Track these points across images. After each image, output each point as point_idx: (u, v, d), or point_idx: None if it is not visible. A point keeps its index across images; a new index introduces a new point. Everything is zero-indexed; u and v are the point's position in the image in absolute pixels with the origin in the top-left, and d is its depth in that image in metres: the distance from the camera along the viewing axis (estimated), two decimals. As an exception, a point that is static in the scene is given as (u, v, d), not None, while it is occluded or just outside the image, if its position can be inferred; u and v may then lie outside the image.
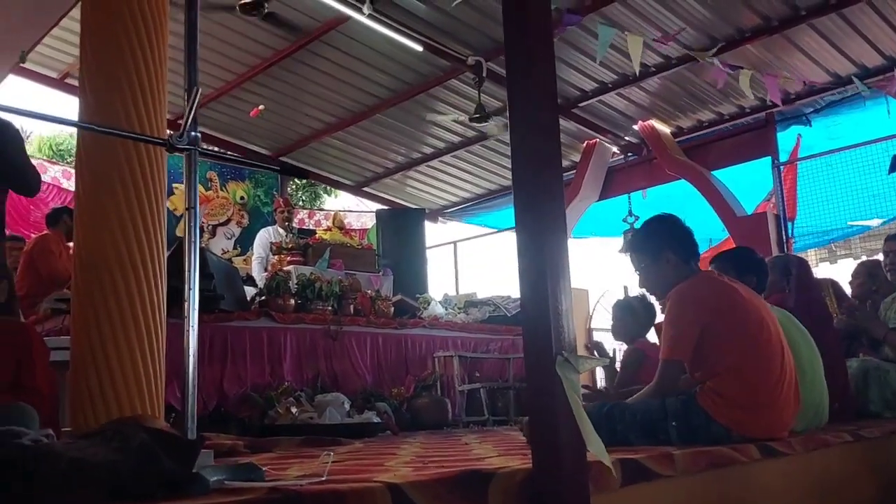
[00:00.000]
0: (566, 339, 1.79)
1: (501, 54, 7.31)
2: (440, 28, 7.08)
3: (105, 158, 2.74)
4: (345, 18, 6.84)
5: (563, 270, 1.83)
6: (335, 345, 5.74)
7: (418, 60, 7.66)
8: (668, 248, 2.91)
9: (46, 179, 8.49)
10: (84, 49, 2.85)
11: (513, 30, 1.93)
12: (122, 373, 2.64)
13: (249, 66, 7.84)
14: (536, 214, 1.84)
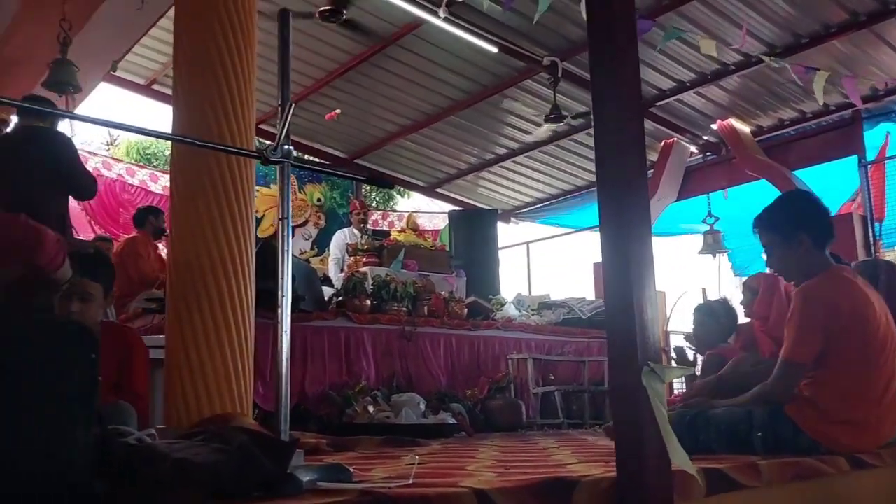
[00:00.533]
0: (651, 348, 1.79)
1: (577, 54, 7.29)
2: (515, 29, 7.08)
3: (197, 167, 2.86)
4: (421, 22, 6.91)
5: (648, 278, 1.83)
6: (410, 345, 5.82)
7: (493, 62, 7.68)
8: (803, 229, 2.70)
9: (134, 182, 8.86)
10: (177, 63, 2.98)
11: (598, 30, 1.94)
12: (213, 371, 2.75)
13: (327, 72, 8.00)
14: (621, 220, 1.84)
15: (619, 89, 1.88)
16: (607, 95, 1.90)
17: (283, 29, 1.81)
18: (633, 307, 1.77)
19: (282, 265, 1.79)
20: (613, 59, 1.89)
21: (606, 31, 1.91)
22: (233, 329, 2.83)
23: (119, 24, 5.44)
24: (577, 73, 7.63)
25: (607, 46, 1.91)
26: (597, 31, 1.94)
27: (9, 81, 6.10)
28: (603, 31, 1.92)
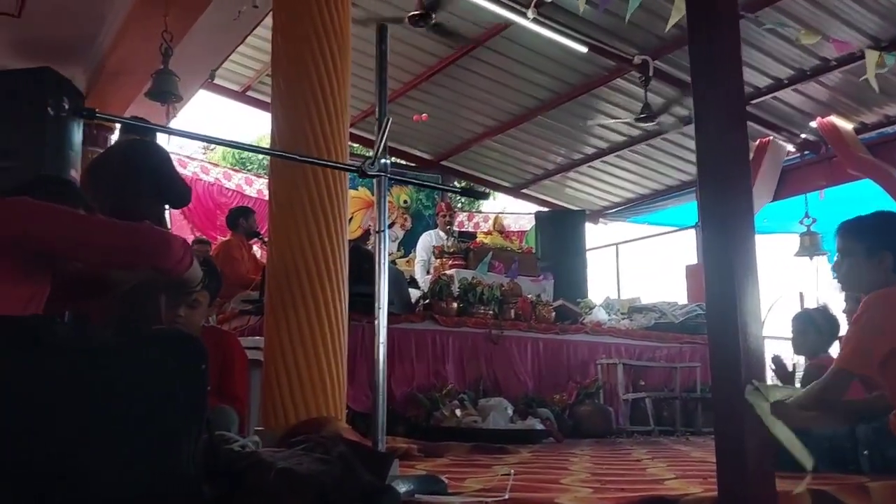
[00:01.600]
0: (755, 365, 1.73)
1: (669, 52, 7.13)
2: (605, 28, 6.98)
3: (294, 175, 2.93)
4: (509, 24, 6.89)
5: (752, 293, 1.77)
6: (496, 349, 5.81)
7: (582, 61, 7.59)
8: (888, 249, 2.64)
9: (231, 186, 9.15)
10: (275, 74, 3.06)
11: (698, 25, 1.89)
12: (308, 375, 2.82)
13: (415, 75, 8.07)
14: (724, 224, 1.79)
15: (722, 90, 1.82)
16: (709, 96, 1.84)
17: (380, 43, 1.83)
18: (736, 321, 1.71)
19: (378, 276, 1.81)
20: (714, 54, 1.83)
21: (707, 23, 1.86)
22: (327, 333, 2.89)
23: (217, 33, 5.63)
24: (669, 71, 7.46)
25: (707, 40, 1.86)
26: (697, 25, 1.89)
27: (114, 91, 6.40)
28: (703, 23, 1.87)
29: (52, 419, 1.36)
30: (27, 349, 1.37)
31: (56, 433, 1.36)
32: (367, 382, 5.00)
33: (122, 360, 1.44)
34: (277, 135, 3.02)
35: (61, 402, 1.38)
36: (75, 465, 1.37)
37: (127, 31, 5.46)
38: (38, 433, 1.35)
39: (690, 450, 4.01)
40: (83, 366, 1.41)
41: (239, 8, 5.22)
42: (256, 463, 1.55)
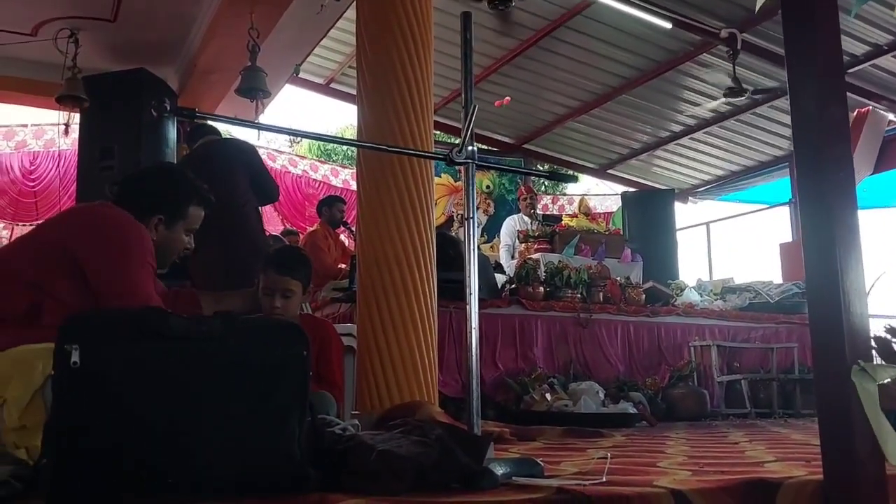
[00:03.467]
0: (861, 344, 1.67)
1: (757, 24, 6.88)
2: (689, 2, 6.79)
3: (381, 166, 2.99)
4: (590, 2, 6.78)
5: (856, 270, 1.71)
6: (585, 332, 5.77)
7: (666, 37, 7.41)
8: None
9: (317, 177, 9.36)
10: (360, 67, 3.12)
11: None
12: (400, 360, 2.88)
13: (495, 59, 8.05)
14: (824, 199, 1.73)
15: (819, 59, 1.76)
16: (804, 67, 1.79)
17: (465, 31, 1.84)
18: (839, 300, 1.66)
19: (469, 263, 1.83)
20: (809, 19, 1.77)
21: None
22: (417, 319, 2.94)
23: (301, 28, 5.75)
24: (759, 43, 7.20)
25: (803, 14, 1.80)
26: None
27: (205, 89, 6.62)
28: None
29: (170, 403, 1.44)
30: (147, 339, 1.45)
31: (174, 416, 1.44)
32: (456, 367, 5.06)
33: (230, 348, 1.51)
34: (364, 126, 3.08)
35: (177, 388, 1.46)
36: (190, 446, 1.45)
37: (215, 31, 5.63)
38: (157, 416, 1.43)
39: (790, 432, 3.89)
40: (195, 354, 1.48)
41: (322, 2, 5.31)
42: (358, 445, 1.60)
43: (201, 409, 1.47)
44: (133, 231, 2.12)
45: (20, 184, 7.70)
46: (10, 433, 1.69)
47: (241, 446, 1.49)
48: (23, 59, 6.42)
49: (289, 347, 1.56)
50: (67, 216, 2.18)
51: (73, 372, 1.39)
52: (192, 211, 2.37)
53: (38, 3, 5.70)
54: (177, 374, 1.47)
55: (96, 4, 5.70)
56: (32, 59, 6.38)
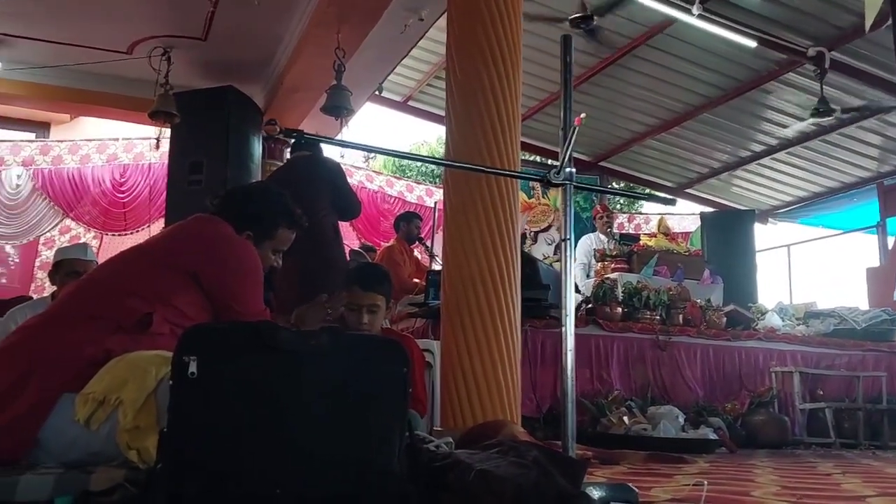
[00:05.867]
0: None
1: (846, 42, 6.69)
2: (774, 20, 6.65)
3: (468, 185, 3.01)
4: (672, 21, 6.71)
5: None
6: (664, 355, 5.66)
7: (750, 56, 7.27)
8: None
9: (393, 193, 9.47)
10: (450, 89, 3.17)
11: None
12: (484, 379, 2.89)
13: (574, 77, 8.00)
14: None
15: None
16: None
17: (565, 54, 1.86)
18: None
19: (564, 283, 1.83)
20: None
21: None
22: (501, 338, 2.95)
23: (385, 47, 5.85)
24: (848, 62, 6.99)
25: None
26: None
27: (290, 107, 6.80)
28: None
29: (278, 416, 1.49)
30: (259, 351, 1.50)
31: (281, 429, 1.48)
32: (531, 386, 5.03)
33: (334, 363, 1.55)
34: (452, 144, 3.12)
35: (284, 401, 1.50)
36: (296, 459, 1.49)
37: (302, 50, 5.78)
38: (265, 428, 1.47)
39: (882, 465, 3.74)
40: (303, 367, 1.52)
41: (405, 21, 5.40)
42: (456, 463, 1.61)
43: (307, 422, 1.51)
44: (246, 250, 2.22)
45: (110, 195, 8.01)
46: (124, 433, 1.76)
47: (343, 461, 1.52)
48: (118, 77, 6.71)
49: (391, 365, 1.59)
50: (182, 232, 2.28)
51: (191, 382, 1.44)
52: (280, 232, 2.44)
53: (134, 22, 5.97)
54: (285, 387, 1.51)
55: (189, 23, 5.93)
56: (127, 77, 6.68)
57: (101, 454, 1.81)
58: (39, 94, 6.93)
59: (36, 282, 7.89)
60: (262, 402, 1.48)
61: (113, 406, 1.80)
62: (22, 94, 6.91)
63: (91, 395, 1.81)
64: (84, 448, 1.83)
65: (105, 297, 2.06)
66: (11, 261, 8.27)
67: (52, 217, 7.84)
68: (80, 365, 1.89)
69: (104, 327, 1.98)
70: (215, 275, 2.15)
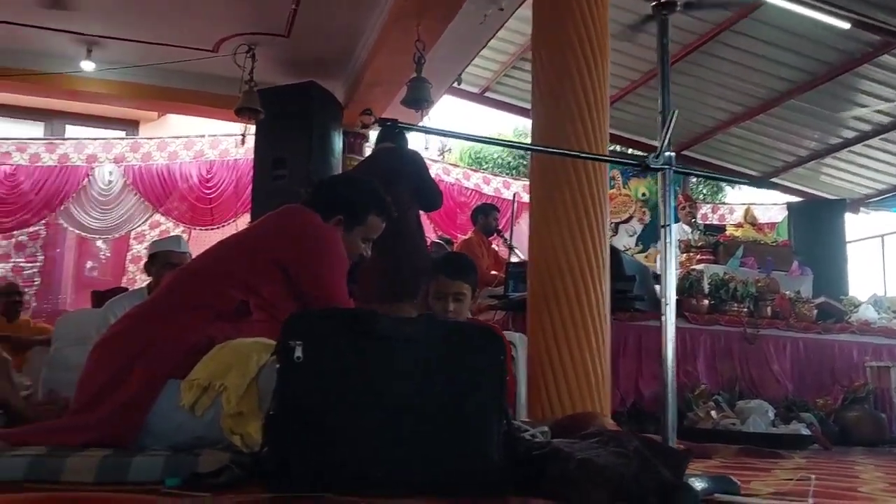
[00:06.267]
0: None
1: (949, 21, 6.35)
2: (871, 1, 6.36)
3: (555, 174, 2.98)
4: (759, 4, 6.50)
5: None
6: (751, 348, 5.51)
7: (842, 38, 6.97)
8: None
9: (470, 186, 9.47)
10: (536, 78, 3.14)
11: None
12: (573, 370, 2.86)
13: (654, 64, 7.85)
14: None
15: None
16: None
17: (662, 36, 1.81)
18: None
19: (665, 274, 1.80)
20: None
21: None
22: (590, 328, 2.91)
23: (464, 39, 5.85)
24: (951, 42, 6.64)
25: None
26: None
27: (369, 101, 6.86)
28: None
29: (379, 401, 1.50)
30: (360, 338, 1.52)
31: (382, 414, 1.50)
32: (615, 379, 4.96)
33: (431, 349, 1.55)
34: (538, 132, 3.09)
35: (385, 386, 1.52)
36: (396, 444, 1.50)
37: (382, 44, 5.83)
38: (366, 412, 1.49)
39: None
40: (402, 354, 1.53)
41: (485, 11, 5.38)
42: (555, 452, 1.60)
43: (407, 407, 1.52)
44: (332, 239, 2.25)
45: (197, 191, 8.25)
46: (228, 419, 1.81)
47: (442, 447, 1.53)
48: (204, 74, 6.91)
49: (489, 352, 1.59)
50: (271, 223, 2.32)
51: (296, 366, 1.47)
52: (371, 219, 2.47)
53: (220, 21, 6.13)
54: (385, 372, 1.53)
55: (272, 21, 6.06)
56: (213, 74, 6.86)
57: (205, 438, 1.87)
58: (130, 93, 7.20)
59: (127, 274, 8.19)
60: (363, 387, 1.50)
61: (217, 392, 1.85)
62: (113, 93, 7.19)
63: (196, 382, 1.87)
64: (189, 432, 1.89)
65: (204, 287, 2.12)
66: (102, 255, 8.61)
67: (142, 212, 8.13)
68: (184, 352, 1.95)
69: (205, 316, 2.04)
70: (301, 264, 2.18)
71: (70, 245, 8.24)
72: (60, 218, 7.92)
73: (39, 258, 7.93)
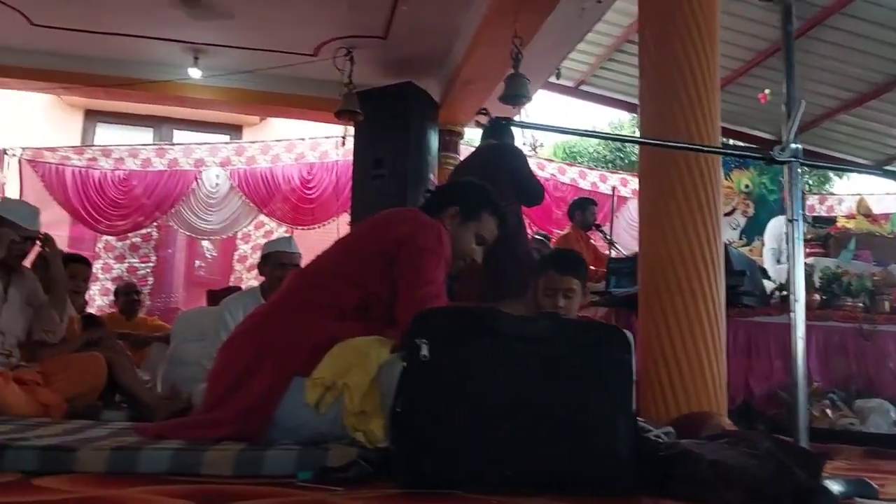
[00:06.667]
0: None
1: None
2: None
3: (666, 166, 2.92)
4: (871, -16, 6.19)
5: None
6: (868, 345, 5.24)
7: (964, 16, 6.57)
8: None
9: (565, 181, 9.38)
10: (643, 69, 3.08)
11: None
12: (688, 367, 2.80)
13: (757, 52, 7.59)
14: None
15: None
16: None
17: (786, 24, 1.75)
18: None
19: (793, 270, 1.74)
20: None
21: None
22: (705, 325, 2.85)
23: (561, 33, 5.79)
24: None
25: None
26: None
27: (465, 98, 6.89)
28: None
29: (504, 398, 1.51)
30: (484, 336, 1.53)
31: (508, 411, 1.51)
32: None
33: (559, 349, 1.55)
34: (646, 122, 3.04)
35: (510, 384, 1.52)
36: (523, 442, 1.50)
37: (479, 42, 5.84)
38: (493, 410, 1.50)
39: None
40: (527, 352, 1.54)
41: (583, 4, 5.32)
42: (684, 453, 1.57)
43: (532, 405, 1.52)
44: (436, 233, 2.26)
45: (299, 192, 8.48)
46: (351, 416, 1.86)
47: (569, 446, 1.52)
48: (304, 78, 7.10)
49: (615, 350, 1.58)
50: (382, 220, 2.37)
51: (422, 364, 1.49)
52: (485, 216, 2.47)
53: (320, 26, 6.28)
54: (510, 371, 1.53)
55: (371, 23, 6.16)
56: (312, 78, 7.04)
57: (328, 435, 1.92)
58: (234, 99, 7.46)
59: (235, 273, 8.50)
60: (488, 386, 1.51)
61: (339, 390, 1.90)
62: (219, 98, 7.47)
63: (320, 381, 1.92)
64: (313, 429, 1.94)
65: (324, 287, 2.18)
66: (209, 255, 8.96)
67: (247, 213, 8.42)
68: (308, 350, 2.01)
69: (327, 315, 2.09)
70: (402, 254, 2.18)
71: (180, 246, 8.61)
72: (171, 220, 8.29)
73: (152, 259, 8.33)
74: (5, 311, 3.33)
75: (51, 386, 3.31)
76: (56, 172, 8.02)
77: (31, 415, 2.97)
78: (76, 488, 1.38)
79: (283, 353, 2.01)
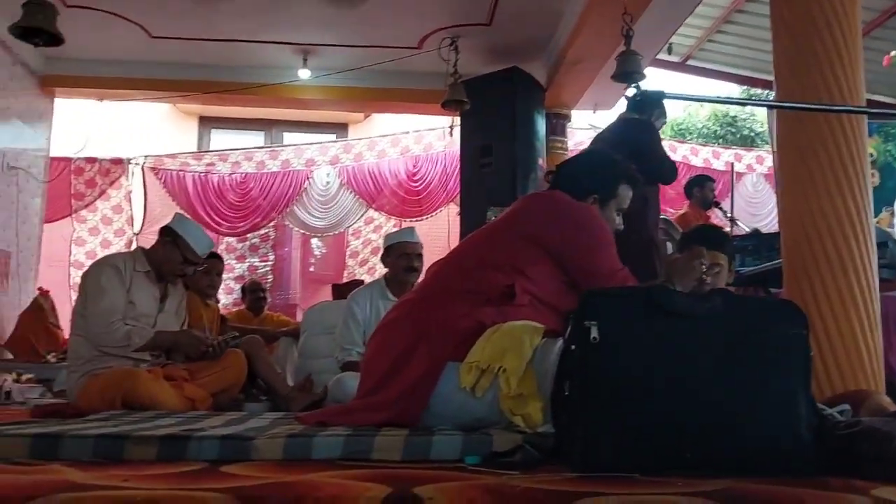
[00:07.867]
0: None
1: None
2: None
3: (807, 133, 2.79)
4: None
5: None
6: None
7: None
8: None
9: (677, 158, 9.11)
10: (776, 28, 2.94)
11: None
12: (841, 342, 2.66)
13: (880, 11, 7.16)
14: None
15: None
16: None
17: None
18: None
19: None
20: None
21: None
22: (858, 299, 2.70)
23: (671, 6, 5.61)
24: None
25: None
26: None
27: (570, 79, 6.79)
28: None
29: (681, 379, 1.47)
30: (655, 316, 1.49)
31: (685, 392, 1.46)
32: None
33: (734, 326, 1.50)
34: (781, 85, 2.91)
35: (685, 364, 1.48)
36: (701, 423, 1.46)
37: (586, 21, 5.73)
38: (670, 391, 1.46)
39: None
40: (701, 331, 1.49)
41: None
42: (869, 431, 1.49)
43: (709, 385, 1.48)
44: (589, 213, 2.25)
45: (406, 185, 8.57)
46: (508, 400, 1.86)
47: (749, 427, 1.47)
48: (409, 72, 7.15)
49: (790, 326, 1.51)
50: (531, 206, 2.36)
51: (594, 346, 1.47)
52: (621, 190, 2.47)
53: (424, 17, 6.30)
54: (684, 350, 1.49)
55: (474, 11, 6.15)
56: (417, 71, 7.08)
57: (484, 419, 1.93)
58: (342, 97, 7.61)
59: (347, 269, 8.68)
60: (664, 366, 1.47)
61: (495, 374, 1.90)
62: (328, 97, 7.63)
63: (475, 364, 1.93)
64: (469, 413, 1.95)
65: (471, 273, 2.19)
66: (319, 251, 9.18)
67: (357, 209, 8.58)
68: (458, 336, 2.02)
69: (475, 301, 2.10)
70: (564, 242, 2.21)
71: (296, 244, 8.87)
72: (286, 219, 8.55)
73: (271, 258, 8.61)
74: (161, 319, 3.52)
75: (197, 381, 3.47)
76: (177, 178, 8.39)
77: (179, 409, 3.10)
78: (264, 474, 1.42)
79: (435, 338, 2.03)
